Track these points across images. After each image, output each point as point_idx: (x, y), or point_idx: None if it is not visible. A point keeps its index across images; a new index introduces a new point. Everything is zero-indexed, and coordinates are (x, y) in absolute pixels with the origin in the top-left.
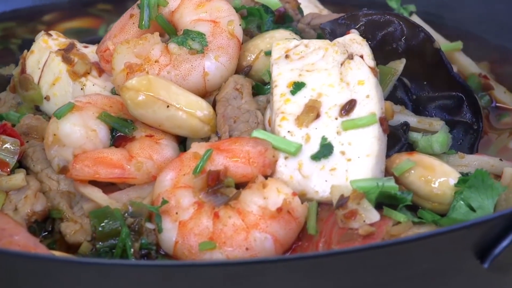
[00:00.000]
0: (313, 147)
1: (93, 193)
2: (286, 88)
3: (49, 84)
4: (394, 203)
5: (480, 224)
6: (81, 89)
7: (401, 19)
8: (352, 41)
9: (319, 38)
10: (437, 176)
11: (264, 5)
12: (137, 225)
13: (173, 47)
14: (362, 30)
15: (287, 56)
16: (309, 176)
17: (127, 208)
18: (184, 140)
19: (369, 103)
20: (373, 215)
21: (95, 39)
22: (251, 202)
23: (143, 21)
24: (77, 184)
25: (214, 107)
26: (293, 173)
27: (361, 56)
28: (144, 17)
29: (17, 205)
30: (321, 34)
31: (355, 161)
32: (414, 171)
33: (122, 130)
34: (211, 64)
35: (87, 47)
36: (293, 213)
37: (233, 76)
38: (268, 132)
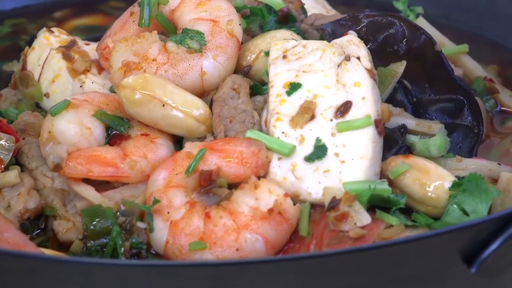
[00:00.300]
0: (307, 148)
1: (86, 191)
2: (282, 89)
3: (49, 81)
4: (387, 206)
5: (467, 228)
6: (80, 86)
7: (402, 21)
8: (350, 42)
9: (322, 39)
10: (431, 179)
11: (267, 5)
12: (129, 224)
13: (171, 45)
14: (363, 31)
15: (285, 57)
16: (302, 178)
17: (119, 206)
18: (181, 140)
19: (365, 105)
20: (365, 218)
21: None
22: (242, 202)
23: (143, 19)
24: (70, 182)
25: (212, 107)
26: (287, 174)
27: (358, 57)
28: (144, 15)
29: (10, 202)
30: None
31: (348, 163)
32: (409, 174)
33: (117, 128)
34: (209, 64)
35: (88, 44)
36: (284, 214)
37: (231, 75)
38: (263, 132)
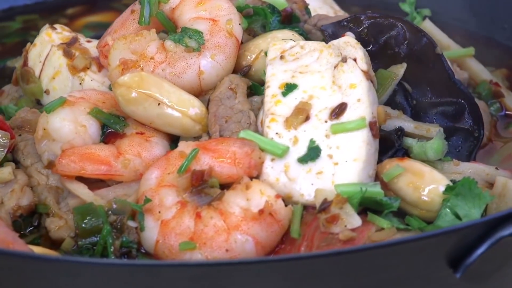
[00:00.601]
0: (300, 149)
1: (78, 189)
2: (277, 89)
3: (49, 77)
4: (380, 209)
5: (452, 232)
6: (80, 83)
7: (404, 23)
8: (346, 43)
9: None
10: (426, 183)
11: (270, 4)
12: (119, 222)
13: (169, 44)
14: (365, 33)
15: (282, 57)
16: (295, 179)
17: (111, 205)
18: (177, 139)
19: (360, 107)
20: (355, 220)
21: None
22: (233, 203)
23: (143, 18)
24: (63, 179)
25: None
26: (279, 175)
27: (354, 59)
28: (144, 13)
29: (3, 199)
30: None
31: (342, 165)
32: (403, 177)
33: (112, 126)
34: (207, 63)
35: (90, 41)
36: (275, 215)
37: (229, 75)
38: (259, 133)
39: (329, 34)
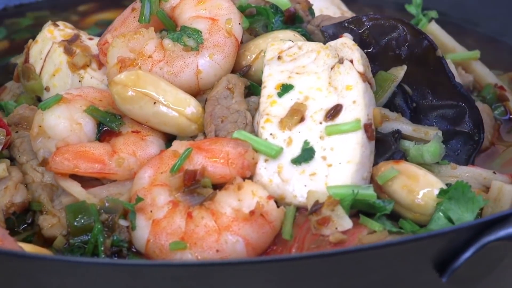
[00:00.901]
0: (294, 150)
1: (72, 187)
2: (273, 90)
3: (49, 74)
4: (373, 212)
5: (437, 236)
6: (79, 81)
7: (405, 25)
8: (343, 45)
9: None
10: (420, 186)
11: (274, 4)
12: (111, 221)
13: (167, 43)
14: (366, 34)
15: (280, 58)
16: (288, 180)
17: (104, 203)
18: (174, 139)
19: (355, 108)
20: (346, 223)
21: None
22: (225, 203)
23: (143, 16)
24: (57, 177)
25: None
26: (273, 176)
27: (351, 60)
28: (145, 11)
29: None
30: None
31: (335, 167)
32: (397, 180)
33: (108, 124)
34: (205, 62)
35: (92, 39)
36: (267, 216)
37: (227, 75)
38: (255, 133)
39: (329, 35)
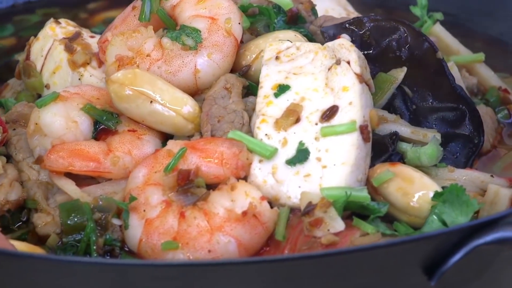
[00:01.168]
0: (289, 151)
1: (66, 185)
2: (270, 90)
3: (50, 72)
4: (368, 214)
5: (426, 238)
6: (79, 79)
7: (406, 26)
8: (341, 46)
9: None
10: (415, 188)
11: (276, 4)
12: (104, 220)
13: (166, 42)
14: (367, 35)
15: (277, 58)
16: (282, 181)
17: (97, 202)
18: (171, 138)
19: (351, 110)
20: (338, 224)
21: None
22: (218, 203)
23: (143, 14)
24: (52, 175)
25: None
26: (267, 177)
27: (348, 62)
28: (145, 9)
29: None
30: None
31: (330, 169)
32: (393, 182)
33: (105, 123)
34: (204, 62)
35: (93, 37)
36: (259, 217)
37: (225, 74)
38: (251, 134)
39: (329, 36)
